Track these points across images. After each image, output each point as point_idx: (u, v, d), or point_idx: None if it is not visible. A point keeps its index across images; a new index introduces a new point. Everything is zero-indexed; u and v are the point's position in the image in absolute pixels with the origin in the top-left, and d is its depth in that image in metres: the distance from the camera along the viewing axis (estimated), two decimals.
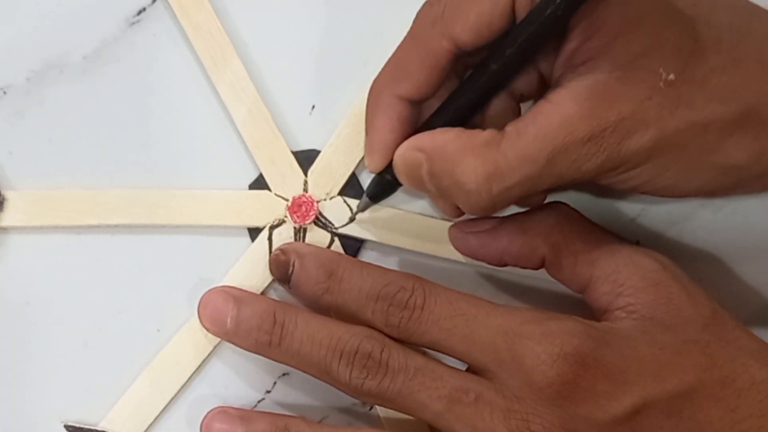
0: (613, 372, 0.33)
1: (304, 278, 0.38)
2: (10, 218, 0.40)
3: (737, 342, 0.35)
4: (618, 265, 0.36)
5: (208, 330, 0.38)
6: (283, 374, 0.41)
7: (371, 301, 0.36)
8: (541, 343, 0.33)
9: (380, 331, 0.36)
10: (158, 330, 0.41)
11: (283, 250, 0.39)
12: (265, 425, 0.37)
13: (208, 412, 0.38)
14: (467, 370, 0.36)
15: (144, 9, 0.42)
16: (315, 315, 0.37)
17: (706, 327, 0.35)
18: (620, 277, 0.35)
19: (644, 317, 0.35)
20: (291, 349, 0.36)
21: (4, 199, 0.40)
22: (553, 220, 0.38)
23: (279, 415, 0.37)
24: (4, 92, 0.42)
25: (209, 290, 0.39)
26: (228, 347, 0.40)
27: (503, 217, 0.38)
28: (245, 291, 0.39)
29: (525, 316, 0.35)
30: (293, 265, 0.38)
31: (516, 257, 0.38)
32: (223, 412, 0.38)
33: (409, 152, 0.36)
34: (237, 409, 0.39)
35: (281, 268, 0.38)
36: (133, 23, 0.42)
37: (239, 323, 0.37)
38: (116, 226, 0.41)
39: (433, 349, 0.36)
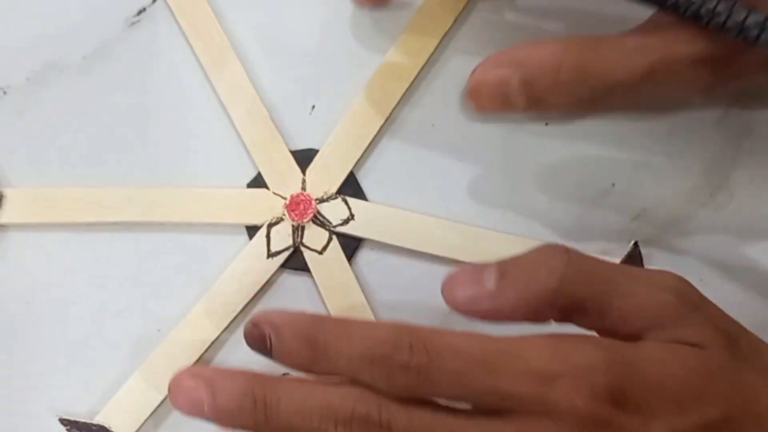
0: (640, 404, 0.32)
1: (285, 353, 0.34)
2: (8, 215, 0.40)
3: (761, 365, 0.33)
4: (638, 289, 0.34)
5: (186, 415, 0.35)
6: (284, 374, 0.41)
7: (366, 364, 0.33)
8: (569, 382, 0.31)
9: (381, 392, 0.33)
10: (158, 330, 0.41)
11: (254, 323, 0.34)
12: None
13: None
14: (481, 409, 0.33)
15: (144, 9, 0.43)
16: (299, 381, 0.34)
17: (728, 348, 0.33)
18: (640, 301, 0.34)
19: (667, 340, 0.33)
20: (281, 424, 0.33)
21: (2, 196, 0.40)
22: (556, 281, 0.34)
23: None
24: (4, 92, 0.42)
25: (177, 374, 0.35)
26: (227, 346, 0.40)
27: (502, 288, 0.35)
28: (216, 370, 0.35)
29: (545, 353, 0.32)
30: (269, 339, 0.34)
31: (521, 320, 0.35)
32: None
33: (495, 71, 0.37)
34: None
35: (257, 343, 0.34)
36: (133, 23, 0.43)
37: (218, 410, 0.34)
38: (115, 223, 0.41)
39: (447, 399, 0.33)
